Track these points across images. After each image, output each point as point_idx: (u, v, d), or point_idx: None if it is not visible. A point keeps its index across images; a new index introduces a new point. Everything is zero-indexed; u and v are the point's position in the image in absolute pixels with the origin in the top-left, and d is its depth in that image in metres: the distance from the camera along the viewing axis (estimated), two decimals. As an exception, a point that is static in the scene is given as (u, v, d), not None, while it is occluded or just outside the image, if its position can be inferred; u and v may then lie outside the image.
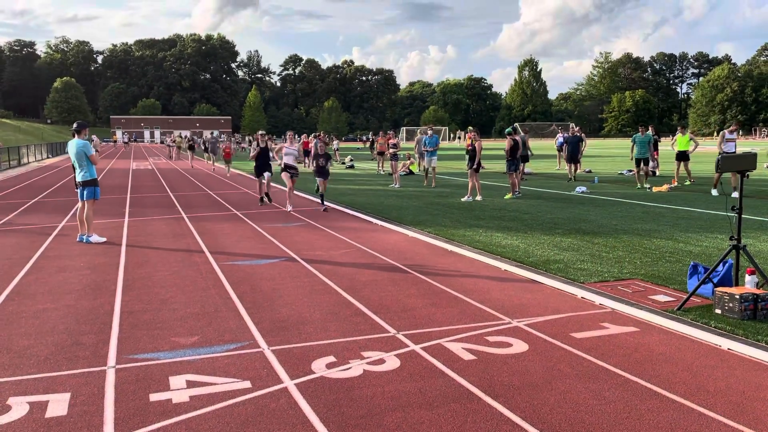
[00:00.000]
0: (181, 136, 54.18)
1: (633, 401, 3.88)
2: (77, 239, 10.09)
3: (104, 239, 10.13)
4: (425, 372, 4.41)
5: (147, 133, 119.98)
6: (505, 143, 16.57)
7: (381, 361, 4.62)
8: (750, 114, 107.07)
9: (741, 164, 5.66)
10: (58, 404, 3.94)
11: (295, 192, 18.17)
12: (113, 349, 4.96)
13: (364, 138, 68.80)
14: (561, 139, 27.81)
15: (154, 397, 4.05)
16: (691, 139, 18.68)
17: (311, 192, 18.00)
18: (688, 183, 18.81)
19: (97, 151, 10.62)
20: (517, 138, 16.53)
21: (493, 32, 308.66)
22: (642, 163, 18.05)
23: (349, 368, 4.49)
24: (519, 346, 4.91)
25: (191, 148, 37.01)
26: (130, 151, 62.71)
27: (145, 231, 11.23)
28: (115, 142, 79.70)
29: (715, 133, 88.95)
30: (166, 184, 22.51)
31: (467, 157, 15.52)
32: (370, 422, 3.65)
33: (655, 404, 3.83)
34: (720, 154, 5.27)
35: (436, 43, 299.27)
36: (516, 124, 21.27)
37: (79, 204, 10.19)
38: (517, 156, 15.66)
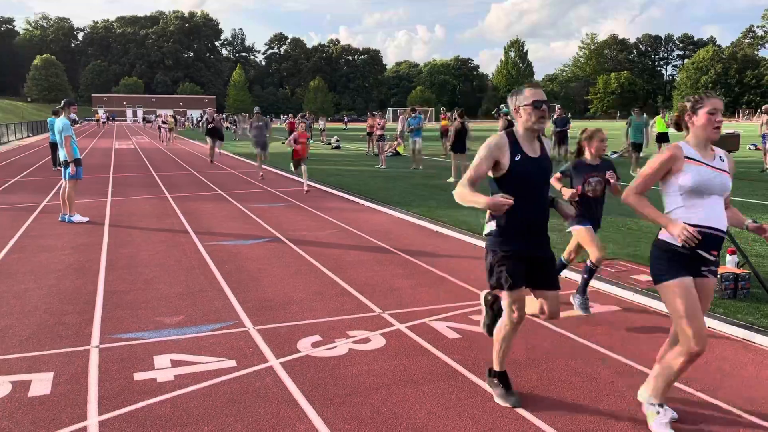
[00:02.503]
0: (174, 117, 46.02)
1: (614, 379, 3.94)
2: (59, 219, 9.98)
3: (87, 219, 10.03)
4: (410, 350, 4.44)
5: (129, 112, 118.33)
6: (499, 123, 16.53)
7: (366, 340, 4.64)
8: (733, 96, 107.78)
9: (724, 145, 5.70)
10: (41, 383, 3.92)
11: (278, 172, 18.09)
12: (96, 329, 4.93)
13: (346, 119, 67.06)
14: None
15: (138, 376, 4.04)
16: (668, 124, 18.78)
17: (299, 172, 17.92)
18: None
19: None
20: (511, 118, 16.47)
21: (481, 12, 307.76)
22: (636, 149, 17.29)
23: (335, 347, 4.51)
24: (503, 325, 4.94)
25: (214, 133, 22.62)
26: (112, 130, 61.94)
27: (128, 211, 11.13)
28: (98, 121, 76.43)
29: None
30: (150, 163, 22.28)
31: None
32: (355, 400, 3.67)
33: (636, 381, 3.88)
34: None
35: (425, 23, 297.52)
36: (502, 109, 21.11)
37: (63, 183, 10.05)
38: None
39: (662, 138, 18.61)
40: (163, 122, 37.78)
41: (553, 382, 3.90)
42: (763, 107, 16.93)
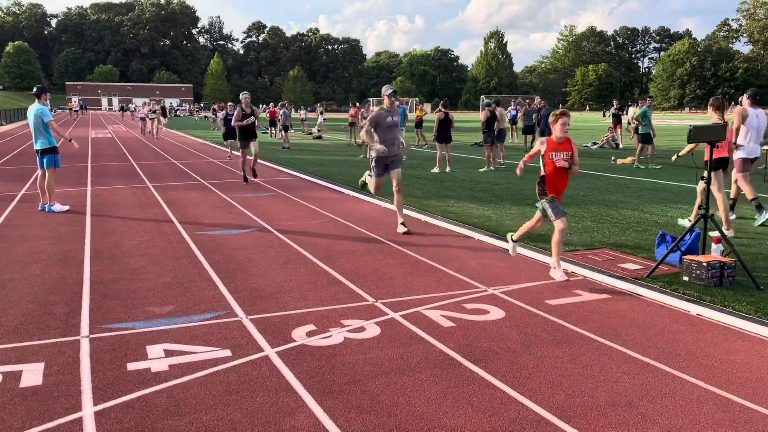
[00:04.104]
0: (163, 106, 39.55)
1: (609, 365, 3.98)
2: (39, 208, 9.79)
3: (67, 208, 9.86)
4: (406, 339, 4.44)
5: (104, 101, 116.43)
6: (481, 115, 16.56)
7: (361, 329, 4.63)
8: (708, 88, 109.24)
9: (712, 135, 5.78)
10: (32, 374, 3.85)
11: (265, 163, 17.93)
12: (85, 319, 4.85)
13: (319, 110, 64.11)
14: (513, 112, 27.83)
15: (131, 366, 3.99)
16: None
17: (280, 162, 17.80)
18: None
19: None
20: (499, 110, 16.48)
21: (461, 2, 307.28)
22: (648, 141, 16.55)
23: (330, 336, 4.49)
24: (496, 313, 4.98)
25: (247, 135, 14.40)
26: (87, 119, 60.87)
27: (109, 200, 10.96)
28: (71, 110, 73.72)
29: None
30: (128, 152, 21.96)
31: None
32: (354, 388, 3.66)
33: (630, 367, 3.94)
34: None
35: (405, 13, 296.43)
36: (498, 98, 21.19)
37: (39, 172, 9.86)
38: (493, 128, 15.54)
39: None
40: (152, 111, 32.00)
41: (549, 368, 3.93)
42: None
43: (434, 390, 3.64)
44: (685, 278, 5.74)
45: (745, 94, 8.94)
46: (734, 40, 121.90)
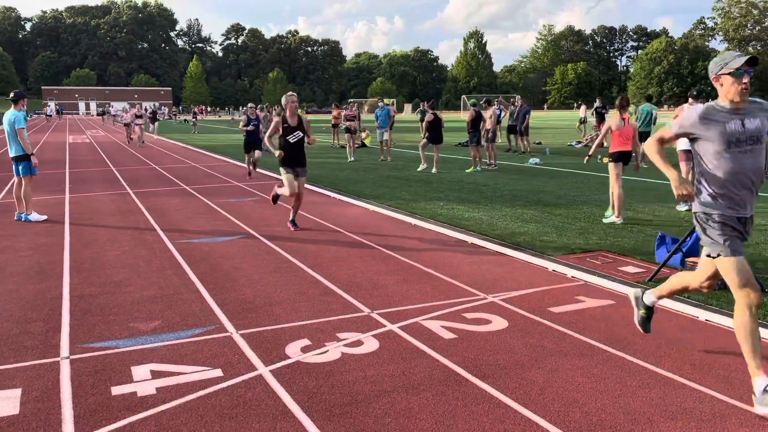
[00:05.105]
0: (154, 110, 36.98)
1: (622, 378, 3.80)
2: (15, 218, 9.42)
3: (45, 217, 9.50)
4: (406, 353, 4.22)
5: (82, 105, 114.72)
6: (466, 116, 16.41)
7: (359, 343, 4.40)
8: (686, 86, 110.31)
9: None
10: (7, 402, 3.57)
11: (242, 165, 17.63)
12: (65, 338, 4.56)
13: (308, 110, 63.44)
14: (498, 112, 27.73)
15: (116, 390, 3.72)
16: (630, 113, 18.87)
17: (263, 165, 17.49)
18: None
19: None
20: (491, 110, 16.33)
21: (440, 3, 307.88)
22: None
23: (326, 351, 4.25)
24: (498, 323, 4.77)
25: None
26: (64, 124, 59.83)
27: (89, 208, 10.60)
28: (47, 115, 71.54)
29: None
30: (108, 158, 21.48)
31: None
32: (356, 410, 3.43)
33: (644, 380, 3.76)
34: None
35: (384, 14, 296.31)
36: (489, 97, 21.08)
37: (15, 180, 9.49)
38: (479, 128, 15.37)
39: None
40: (138, 116, 28.46)
41: (560, 383, 3.73)
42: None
43: (441, 410, 3.42)
44: (688, 281, 5.58)
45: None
46: (710, 39, 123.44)
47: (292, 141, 8.18)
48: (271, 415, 3.39)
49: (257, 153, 14.94)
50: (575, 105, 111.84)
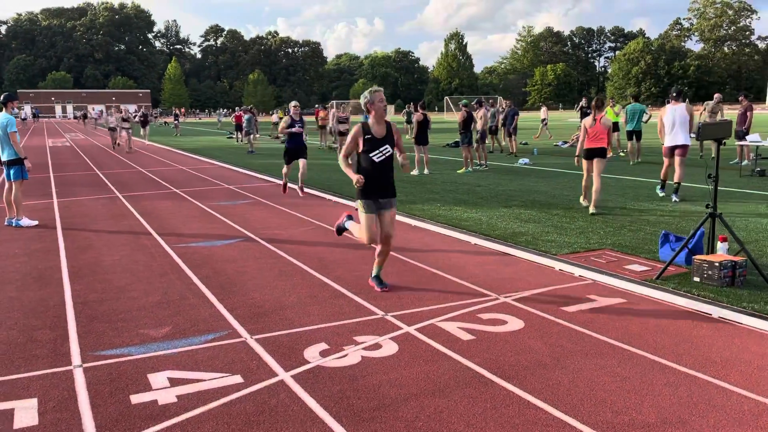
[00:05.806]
0: (145, 113, 33.95)
1: (647, 376, 3.80)
2: (5, 223, 9.22)
3: (36, 222, 9.31)
4: (427, 355, 4.18)
5: (58, 108, 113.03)
6: (458, 116, 16.40)
7: (377, 346, 4.35)
8: (663, 86, 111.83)
9: (719, 132, 5.69)
10: (26, 412, 3.47)
11: (237, 169, 17.47)
12: (75, 346, 4.46)
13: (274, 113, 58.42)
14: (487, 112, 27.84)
15: (135, 398, 3.63)
16: (617, 113, 19.14)
17: (252, 167, 17.35)
18: (622, 154, 19.31)
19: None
20: (482, 111, 16.32)
21: (420, 4, 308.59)
22: (634, 137, 16.59)
23: (346, 355, 4.20)
24: (514, 323, 4.76)
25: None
26: (42, 128, 58.85)
27: (79, 212, 10.42)
28: (24, 119, 70.24)
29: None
30: (90, 161, 21.16)
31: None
32: (385, 414, 3.39)
33: (669, 379, 3.76)
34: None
35: (364, 15, 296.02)
36: (481, 98, 21.13)
37: (6, 184, 9.29)
38: (470, 129, 15.35)
39: (617, 127, 18.93)
40: (124, 119, 26.76)
41: (586, 383, 3.72)
42: (715, 97, 17.45)
43: (472, 412, 3.39)
44: (696, 279, 5.62)
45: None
46: (686, 39, 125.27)
47: (377, 160, 5.67)
48: (300, 421, 3.33)
49: (302, 163, 11.55)
50: (557, 106, 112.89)
